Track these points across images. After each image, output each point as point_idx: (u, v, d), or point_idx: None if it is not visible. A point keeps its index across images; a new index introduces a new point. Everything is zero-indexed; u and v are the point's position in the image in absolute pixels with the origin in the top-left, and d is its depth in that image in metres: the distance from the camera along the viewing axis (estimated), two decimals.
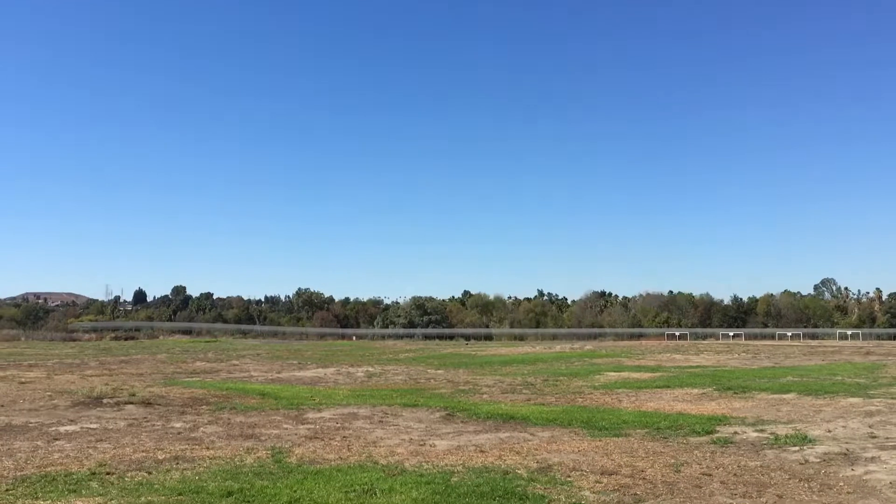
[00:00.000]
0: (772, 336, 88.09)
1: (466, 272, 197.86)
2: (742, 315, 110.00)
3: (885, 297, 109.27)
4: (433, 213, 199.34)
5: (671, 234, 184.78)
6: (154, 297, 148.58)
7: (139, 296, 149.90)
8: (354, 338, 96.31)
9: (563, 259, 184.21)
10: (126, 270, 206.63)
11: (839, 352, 48.12)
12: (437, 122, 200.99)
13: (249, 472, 9.33)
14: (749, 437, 12.29)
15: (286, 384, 25.25)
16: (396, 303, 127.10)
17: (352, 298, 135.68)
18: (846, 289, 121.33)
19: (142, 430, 13.27)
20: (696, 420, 14.37)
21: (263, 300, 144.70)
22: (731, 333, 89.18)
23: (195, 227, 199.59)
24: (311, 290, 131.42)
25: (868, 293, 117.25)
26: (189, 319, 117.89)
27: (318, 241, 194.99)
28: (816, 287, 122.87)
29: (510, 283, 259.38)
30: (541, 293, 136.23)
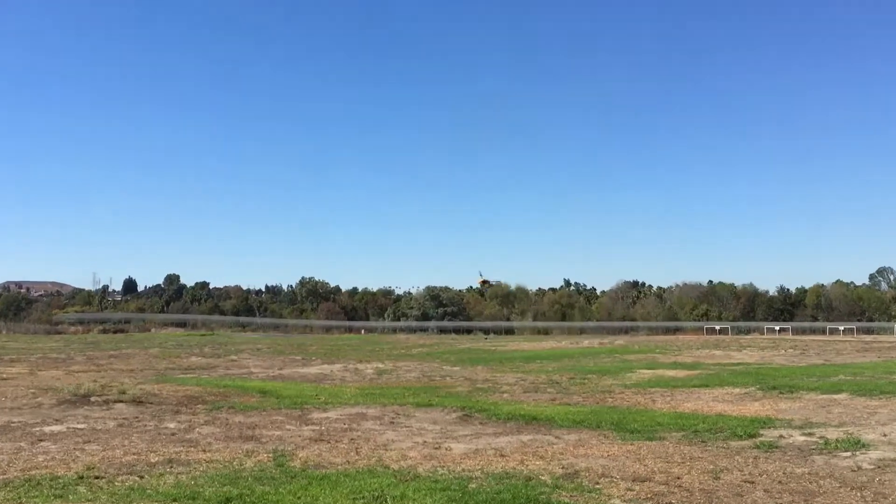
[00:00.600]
0: (822, 331, 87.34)
1: (485, 260, 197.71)
2: (789, 308, 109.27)
3: None
4: (448, 196, 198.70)
5: (710, 219, 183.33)
6: (145, 287, 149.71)
7: (129, 285, 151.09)
8: (363, 331, 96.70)
9: (592, 246, 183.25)
10: (115, 258, 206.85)
11: None
12: (451, 97, 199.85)
13: (249, 477, 9.41)
14: (796, 442, 12.24)
15: (289, 381, 25.43)
16: (409, 293, 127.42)
17: (360, 288, 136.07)
18: None
19: (133, 431, 13.42)
20: (738, 422, 14.32)
21: (264, 290, 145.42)
22: (777, 328, 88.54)
23: (190, 211, 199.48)
24: (316, 280, 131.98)
25: None
26: (183, 311, 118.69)
27: (324, 227, 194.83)
28: (872, 277, 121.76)
29: (533, 272, 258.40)
30: (567, 283, 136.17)
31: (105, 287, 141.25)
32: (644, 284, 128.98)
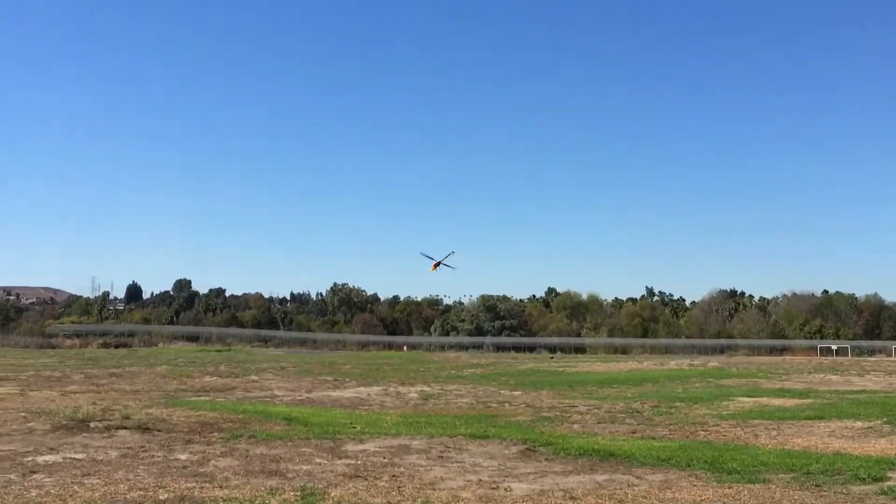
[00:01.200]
0: None
1: (551, 265, 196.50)
2: None
3: None
4: (506, 191, 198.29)
5: (824, 219, 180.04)
6: (152, 294, 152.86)
7: (133, 292, 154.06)
8: (405, 348, 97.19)
9: (680, 250, 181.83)
10: (117, 260, 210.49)
11: None
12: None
13: None
14: None
15: (319, 407, 25.61)
16: (460, 303, 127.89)
17: (402, 297, 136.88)
18: None
19: (138, 463, 13.62)
20: (860, 462, 14.06)
21: (289, 299, 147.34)
22: None
23: (203, 210, 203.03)
24: (350, 287, 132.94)
25: None
26: (195, 323, 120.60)
27: (359, 227, 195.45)
28: None
29: (608, 280, 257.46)
30: (650, 292, 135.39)
31: (105, 294, 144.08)
32: (743, 294, 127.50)
